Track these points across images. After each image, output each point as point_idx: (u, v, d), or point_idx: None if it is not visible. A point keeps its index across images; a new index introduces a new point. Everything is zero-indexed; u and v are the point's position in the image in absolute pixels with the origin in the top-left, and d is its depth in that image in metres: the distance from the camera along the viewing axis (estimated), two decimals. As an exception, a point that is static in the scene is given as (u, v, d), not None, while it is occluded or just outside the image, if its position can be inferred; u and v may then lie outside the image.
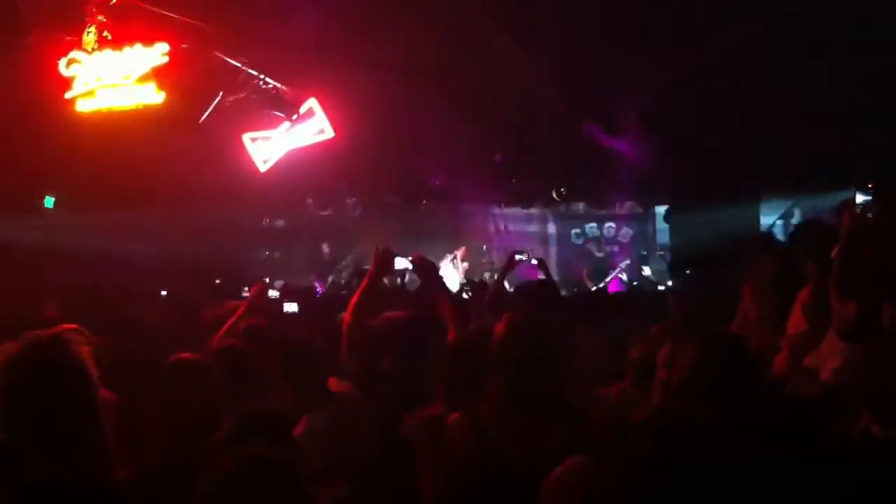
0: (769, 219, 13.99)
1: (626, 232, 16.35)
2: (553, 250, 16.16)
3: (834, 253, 3.74)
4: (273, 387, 4.02)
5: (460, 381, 3.53)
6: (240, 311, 5.00)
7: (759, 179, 11.42)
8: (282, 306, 8.32)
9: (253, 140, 8.56)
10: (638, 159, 10.71)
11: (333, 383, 4.20)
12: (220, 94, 7.54)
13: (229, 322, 4.87)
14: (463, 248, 14.37)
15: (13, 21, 6.23)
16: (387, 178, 11.92)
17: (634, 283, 14.27)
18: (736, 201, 11.84)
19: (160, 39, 6.79)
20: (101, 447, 2.32)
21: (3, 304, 7.82)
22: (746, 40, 7.35)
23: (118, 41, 6.73)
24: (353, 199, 13.75)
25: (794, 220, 13.39)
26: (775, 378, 4.08)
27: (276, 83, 7.99)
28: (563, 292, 7.63)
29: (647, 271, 14.77)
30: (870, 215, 4.21)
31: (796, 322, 4.25)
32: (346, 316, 4.55)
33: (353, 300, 4.59)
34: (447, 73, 8.37)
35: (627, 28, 7.41)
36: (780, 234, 12.29)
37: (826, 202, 9.60)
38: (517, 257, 6.70)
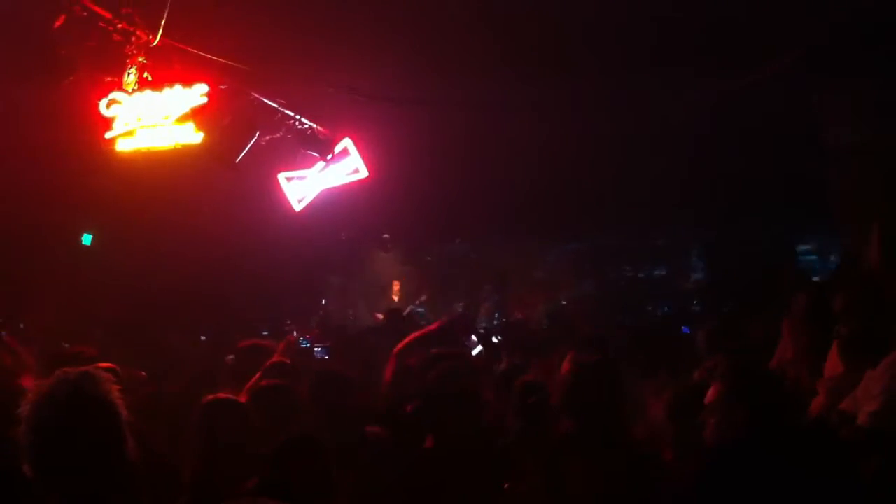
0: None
1: (660, 269, 16.24)
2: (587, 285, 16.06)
3: None
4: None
5: None
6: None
7: (797, 212, 11.28)
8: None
9: (288, 179, 8.64)
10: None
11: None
12: (257, 133, 7.61)
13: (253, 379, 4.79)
14: None
15: (55, 62, 6.35)
16: (420, 217, 11.96)
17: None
18: (773, 235, 11.71)
19: (199, 80, 6.87)
20: (127, 483, 2.34)
21: (41, 339, 7.95)
22: (785, 70, 7.27)
23: (158, 82, 6.82)
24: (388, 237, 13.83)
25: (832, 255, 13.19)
26: (812, 419, 4.01)
27: (311, 123, 8.07)
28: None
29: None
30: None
31: (833, 366, 4.18)
32: (396, 349, 4.77)
33: (410, 337, 4.84)
34: (481, 113, 8.41)
35: (664, 54, 7.35)
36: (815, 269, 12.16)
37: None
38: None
